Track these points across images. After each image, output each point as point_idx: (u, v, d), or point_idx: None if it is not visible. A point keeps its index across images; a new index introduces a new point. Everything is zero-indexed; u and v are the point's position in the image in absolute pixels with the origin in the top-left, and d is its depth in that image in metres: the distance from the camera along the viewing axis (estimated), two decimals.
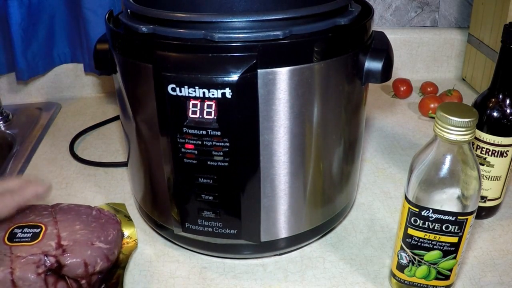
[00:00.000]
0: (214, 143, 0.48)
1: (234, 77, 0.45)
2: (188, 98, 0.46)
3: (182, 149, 0.49)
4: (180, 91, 0.46)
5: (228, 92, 0.45)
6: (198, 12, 0.68)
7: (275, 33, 0.45)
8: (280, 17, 0.46)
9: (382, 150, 0.85)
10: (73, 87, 1.06)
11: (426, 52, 1.12)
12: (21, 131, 0.93)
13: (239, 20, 0.46)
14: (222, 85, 0.45)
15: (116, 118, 0.96)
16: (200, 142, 0.48)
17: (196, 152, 0.49)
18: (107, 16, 0.56)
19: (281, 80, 0.47)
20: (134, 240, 0.61)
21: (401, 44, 1.11)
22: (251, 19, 0.46)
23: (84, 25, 0.93)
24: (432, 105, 0.95)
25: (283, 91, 0.47)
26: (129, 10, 0.54)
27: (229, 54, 0.45)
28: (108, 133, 0.92)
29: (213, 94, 0.45)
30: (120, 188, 0.75)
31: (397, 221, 0.67)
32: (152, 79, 0.48)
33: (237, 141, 0.48)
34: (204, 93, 0.45)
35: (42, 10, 0.93)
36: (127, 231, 0.62)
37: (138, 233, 0.64)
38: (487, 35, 1.00)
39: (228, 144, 0.48)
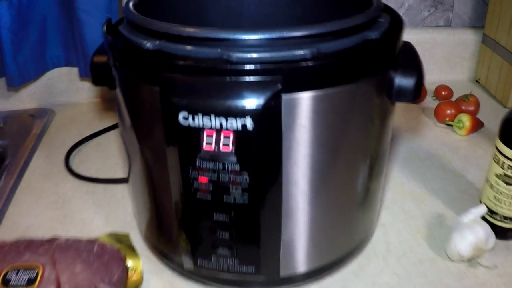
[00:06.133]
0: (231, 177, 0.42)
1: (257, 104, 0.39)
2: (202, 129, 0.40)
3: (195, 184, 0.43)
4: (193, 120, 0.40)
5: (249, 122, 0.39)
6: (203, 19, 0.62)
7: (301, 52, 0.39)
8: (307, 33, 0.40)
9: (399, 161, 0.80)
10: (67, 92, 1.00)
11: (439, 53, 1.07)
12: (13, 142, 0.86)
13: (259, 38, 0.40)
14: (242, 114, 0.39)
15: (114, 126, 0.90)
16: (215, 177, 0.42)
17: (211, 187, 0.43)
18: (105, 26, 0.50)
19: (307, 106, 0.41)
20: (139, 273, 0.56)
21: (414, 45, 1.05)
22: (273, 37, 0.40)
23: (78, 27, 0.86)
24: (448, 111, 0.90)
25: (309, 118, 0.42)
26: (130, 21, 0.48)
27: (249, 78, 0.39)
28: (106, 143, 0.86)
29: (231, 124, 0.39)
30: (121, 208, 0.69)
31: (420, 244, 0.62)
32: (159, 104, 0.42)
33: (257, 176, 0.42)
34: (221, 123, 0.40)
35: (32, 11, 0.87)
36: (130, 261, 0.57)
37: (143, 261, 0.59)
38: (505, 36, 0.95)
39: (247, 178, 0.42)
